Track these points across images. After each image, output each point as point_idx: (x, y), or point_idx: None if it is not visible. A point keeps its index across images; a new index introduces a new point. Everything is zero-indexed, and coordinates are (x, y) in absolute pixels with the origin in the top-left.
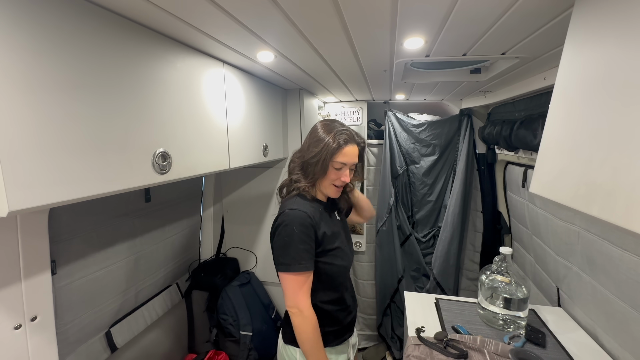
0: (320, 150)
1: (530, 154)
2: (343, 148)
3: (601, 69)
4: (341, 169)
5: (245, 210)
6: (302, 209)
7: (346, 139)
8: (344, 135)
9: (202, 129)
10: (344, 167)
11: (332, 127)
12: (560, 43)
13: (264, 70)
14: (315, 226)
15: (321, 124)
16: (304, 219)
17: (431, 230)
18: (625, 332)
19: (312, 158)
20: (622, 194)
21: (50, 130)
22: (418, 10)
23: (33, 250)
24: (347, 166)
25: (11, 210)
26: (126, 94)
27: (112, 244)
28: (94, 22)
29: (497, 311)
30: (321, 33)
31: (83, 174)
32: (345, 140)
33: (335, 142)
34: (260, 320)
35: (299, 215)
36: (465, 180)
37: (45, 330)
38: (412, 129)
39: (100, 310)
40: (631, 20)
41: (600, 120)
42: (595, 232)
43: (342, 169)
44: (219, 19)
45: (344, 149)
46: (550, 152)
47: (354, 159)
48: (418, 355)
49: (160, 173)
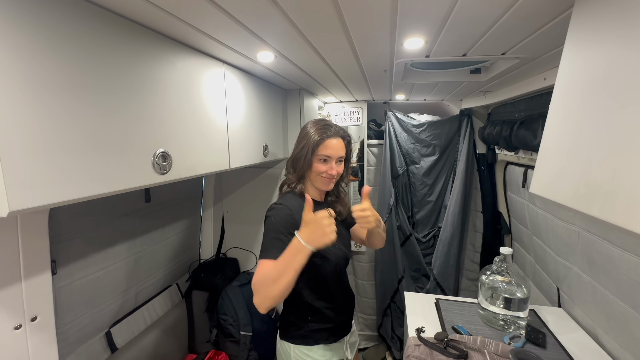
0: (304, 145)
1: (530, 154)
2: (325, 140)
3: (601, 70)
4: (326, 161)
5: (245, 210)
6: (286, 204)
7: (329, 133)
8: (326, 129)
9: (202, 129)
10: (329, 160)
11: (316, 123)
12: (560, 43)
13: (264, 71)
14: (299, 222)
15: (309, 123)
16: (284, 212)
17: (431, 231)
18: (626, 333)
19: (299, 153)
20: (622, 194)
21: (51, 130)
22: (418, 11)
23: (33, 250)
24: (332, 159)
25: (11, 210)
26: (126, 94)
27: (112, 244)
28: (94, 22)
29: (498, 311)
30: (321, 33)
31: (83, 174)
32: (328, 135)
33: (318, 135)
34: (260, 320)
35: (281, 209)
36: (465, 180)
37: (45, 330)
38: (412, 129)
39: (100, 310)
40: (631, 21)
41: (600, 121)
42: (595, 232)
43: (327, 162)
44: (219, 19)
45: (326, 141)
46: (550, 153)
47: (339, 152)
48: (418, 356)
49: (160, 173)
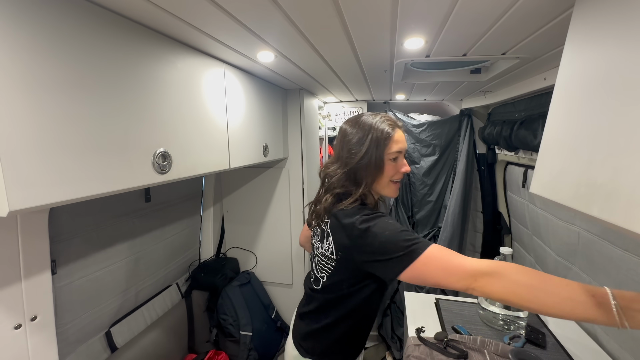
0: (368, 148)
1: (530, 154)
2: (393, 135)
3: (601, 70)
4: (397, 158)
5: (245, 210)
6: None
7: (390, 124)
8: (386, 122)
9: (202, 128)
10: (399, 156)
11: (366, 121)
12: (561, 43)
13: (264, 70)
14: None
15: (350, 124)
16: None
17: (431, 231)
18: (626, 333)
19: (361, 160)
20: (622, 194)
21: (51, 130)
22: (418, 11)
23: (33, 250)
24: (402, 154)
25: (11, 210)
26: (126, 93)
27: (112, 244)
28: (94, 22)
29: (497, 311)
30: (321, 33)
31: (83, 173)
32: (391, 125)
33: (382, 132)
34: (260, 320)
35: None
36: (465, 180)
37: (45, 330)
38: (412, 129)
39: (100, 310)
40: (631, 21)
41: (601, 121)
42: (595, 233)
43: (398, 159)
44: (220, 19)
45: (393, 135)
46: (551, 153)
47: (405, 143)
48: (418, 356)
49: (160, 173)
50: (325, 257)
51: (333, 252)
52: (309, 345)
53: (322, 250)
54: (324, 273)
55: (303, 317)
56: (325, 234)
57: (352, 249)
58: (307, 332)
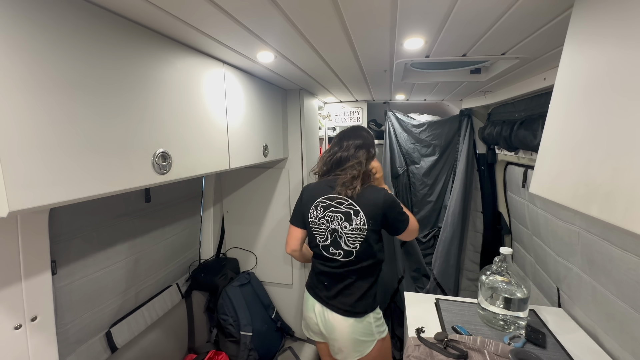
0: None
1: (530, 155)
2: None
3: (601, 70)
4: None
5: (245, 210)
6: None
7: None
8: None
9: (202, 129)
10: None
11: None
12: (560, 43)
13: (264, 71)
14: None
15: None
16: None
17: (431, 231)
18: (626, 333)
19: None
20: (622, 194)
21: (51, 130)
22: (418, 11)
23: (33, 250)
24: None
25: (11, 210)
26: (126, 94)
27: (112, 244)
28: (94, 22)
29: (497, 311)
30: (321, 33)
31: (83, 174)
32: None
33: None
34: (261, 320)
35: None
36: (465, 180)
37: (45, 330)
38: (412, 129)
39: (100, 310)
40: (631, 21)
41: (600, 121)
42: (595, 233)
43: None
44: (219, 20)
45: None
46: (550, 153)
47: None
48: (418, 356)
49: (160, 173)
50: (357, 229)
51: (365, 222)
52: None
53: (353, 226)
54: (357, 243)
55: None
56: (352, 212)
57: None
58: (359, 296)
